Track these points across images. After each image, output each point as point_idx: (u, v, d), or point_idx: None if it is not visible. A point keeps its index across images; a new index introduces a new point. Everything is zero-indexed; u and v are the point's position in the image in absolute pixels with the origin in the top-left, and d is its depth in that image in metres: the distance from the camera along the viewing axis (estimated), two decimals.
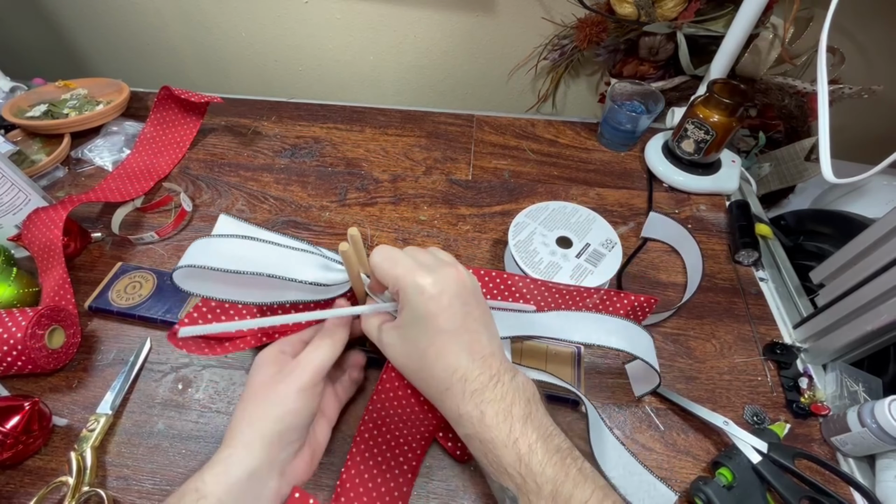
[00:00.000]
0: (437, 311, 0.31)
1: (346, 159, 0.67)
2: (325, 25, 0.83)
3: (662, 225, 0.57)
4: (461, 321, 0.32)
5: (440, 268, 0.33)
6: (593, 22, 0.70)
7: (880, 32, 0.71)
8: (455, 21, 0.80)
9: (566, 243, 0.51)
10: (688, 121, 0.60)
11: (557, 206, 0.54)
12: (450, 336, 0.31)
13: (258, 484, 0.29)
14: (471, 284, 0.34)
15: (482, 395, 0.30)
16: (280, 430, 0.30)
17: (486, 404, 0.30)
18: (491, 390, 0.30)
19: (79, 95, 0.71)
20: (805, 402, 0.43)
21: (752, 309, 0.52)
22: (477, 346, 0.32)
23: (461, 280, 0.33)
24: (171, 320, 0.47)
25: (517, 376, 0.32)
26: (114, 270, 0.51)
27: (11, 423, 0.37)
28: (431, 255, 0.35)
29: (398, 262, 0.33)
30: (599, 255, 0.50)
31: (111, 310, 0.47)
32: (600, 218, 0.53)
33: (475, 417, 0.30)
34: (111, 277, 0.50)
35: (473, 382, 0.31)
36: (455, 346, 0.31)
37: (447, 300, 0.32)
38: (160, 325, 0.48)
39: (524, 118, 0.74)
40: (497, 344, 0.33)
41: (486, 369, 0.31)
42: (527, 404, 0.30)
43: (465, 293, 0.33)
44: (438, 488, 0.39)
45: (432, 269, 0.33)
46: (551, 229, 0.52)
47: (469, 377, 0.31)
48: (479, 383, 0.31)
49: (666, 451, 0.41)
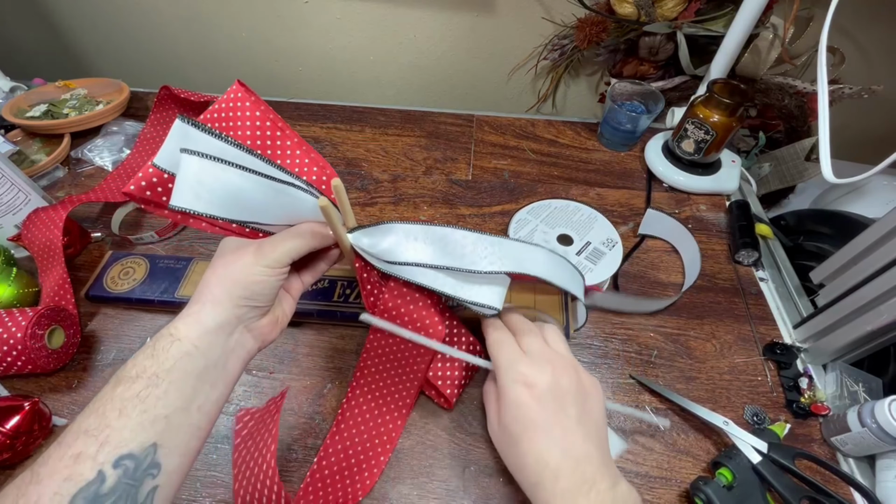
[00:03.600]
0: (528, 401, 0.33)
1: (346, 159, 0.67)
2: (325, 25, 0.83)
3: (660, 221, 0.57)
4: (553, 416, 0.32)
5: (543, 361, 0.34)
6: (593, 22, 0.70)
7: (880, 32, 0.71)
8: (455, 21, 0.79)
9: (567, 241, 0.51)
10: (688, 121, 0.60)
11: (560, 205, 0.54)
12: (541, 430, 0.32)
13: (227, 335, 0.31)
14: (567, 385, 0.34)
15: (574, 498, 0.30)
16: (246, 296, 0.31)
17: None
18: (584, 496, 0.30)
19: (79, 95, 0.71)
20: (805, 402, 0.43)
21: (753, 309, 0.52)
22: (570, 445, 0.32)
23: (560, 378, 0.34)
24: (169, 299, 0.48)
25: (617, 486, 0.31)
26: (105, 259, 0.51)
27: (11, 423, 0.37)
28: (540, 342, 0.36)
29: (503, 347, 0.36)
30: (600, 254, 0.50)
31: (108, 296, 0.48)
32: (602, 217, 0.54)
33: None
34: (103, 266, 0.51)
35: (563, 482, 0.30)
36: (546, 440, 0.32)
37: (539, 393, 0.33)
38: (157, 306, 0.48)
39: (524, 118, 0.74)
40: (597, 450, 0.32)
41: (578, 471, 0.31)
42: None
43: (560, 391, 0.33)
44: (438, 488, 0.39)
45: (535, 360, 0.34)
46: (553, 227, 0.52)
47: (560, 475, 0.31)
48: (569, 483, 0.30)
49: (666, 451, 0.41)
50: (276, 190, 0.31)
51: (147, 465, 0.25)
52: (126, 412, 0.26)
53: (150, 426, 0.26)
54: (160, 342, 0.29)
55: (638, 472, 0.40)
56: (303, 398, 0.44)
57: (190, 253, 0.55)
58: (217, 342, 0.30)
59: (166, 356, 0.28)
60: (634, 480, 0.40)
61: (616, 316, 0.50)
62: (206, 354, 0.29)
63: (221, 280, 0.31)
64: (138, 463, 0.25)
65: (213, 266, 0.33)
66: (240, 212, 0.32)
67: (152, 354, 0.28)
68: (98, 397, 0.27)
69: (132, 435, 0.25)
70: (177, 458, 0.27)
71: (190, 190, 0.30)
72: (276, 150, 0.35)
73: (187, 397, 0.28)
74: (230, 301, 0.31)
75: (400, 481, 0.39)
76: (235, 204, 0.31)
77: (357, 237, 0.36)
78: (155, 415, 0.26)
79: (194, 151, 0.29)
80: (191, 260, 0.51)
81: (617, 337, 0.49)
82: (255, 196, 0.31)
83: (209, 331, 0.30)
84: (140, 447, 0.25)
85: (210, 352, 0.30)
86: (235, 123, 0.33)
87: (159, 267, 0.50)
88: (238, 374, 0.33)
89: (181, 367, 0.28)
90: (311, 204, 0.33)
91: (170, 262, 0.51)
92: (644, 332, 0.49)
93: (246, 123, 0.33)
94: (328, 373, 0.46)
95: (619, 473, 0.32)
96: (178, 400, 0.28)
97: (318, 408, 0.43)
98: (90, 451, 0.24)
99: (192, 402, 0.28)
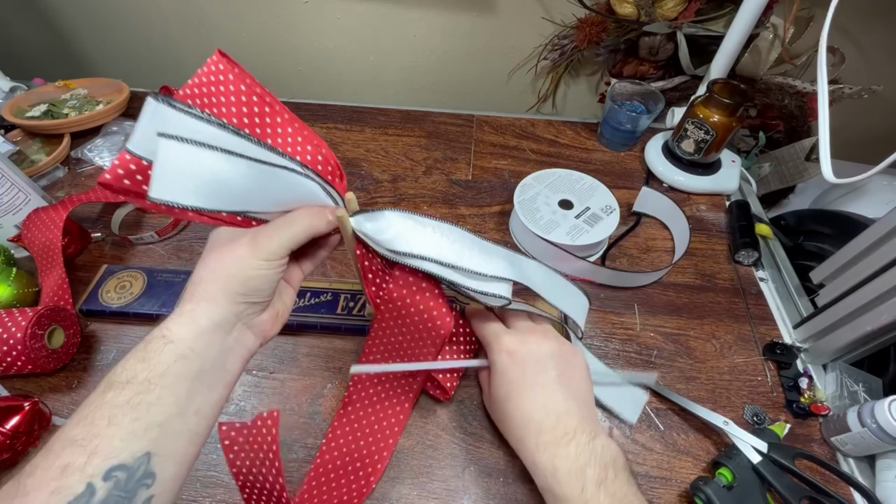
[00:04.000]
0: (510, 366, 0.36)
1: (346, 159, 0.67)
2: (325, 25, 0.83)
3: (654, 200, 0.59)
4: (533, 377, 0.36)
5: (525, 332, 0.38)
6: (593, 22, 0.70)
7: (880, 32, 0.71)
8: (455, 21, 0.79)
9: (567, 205, 0.55)
10: (688, 121, 0.60)
11: (563, 173, 0.59)
12: (524, 389, 0.35)
13: (225, 334, 0.29)
14: (549, 350, 0.37)
15: (555, 450, 0.32)
16: (244, 292, 0.29)
17: (559, 459, 0.32)
18: (564, 447, 0.32)
19: (79, 95, 0.71)
20: (805, 402, 0.43)
21: (753, 309, 0.52)
22: (550, 402, 0.35)
23: (539, 344, 0.37)
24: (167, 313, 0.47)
25: (596, 439, 0.33)
26: (100, 273, 0.50)
27: (11, 423, 0.37)
28: (525, 319, 0.40)
29: (487, 324, 0.39)
30: (597, 218, 0.53)
31: (105, 310, 0.47)
32: (603, 186, 0.57)
33: (548, 470, 0.32)
34: (98, 280, 0.50)
35: (545, 435, 0.33)
36: (529, 399, 0.35)
37: (520, 358, 0.36)
38: (156, 320, 0.47)
39: (524, 118, 0.74)
40: (578, 407, 0.35)
41: (560, 426, 0.33)
42: (603, 468, 0.31)
43: (540, 355, 0.37)
44: (438, 488, 0.39)
45: (517, 332, 0.38)
46: (555, 192, 0.56)
47: (542, 429, 0.34)
48: (551, 437, 0.33)
49: (666, 451, 0.41)
50: (268, 174, 0.28)
51: (140, 476, 0.24)
52: (116, 420, 0.24)
53: (142, 434, 0.25)
54: (152, 345, 0.27)
55: (638, 472, 0.40)
56: (303, 398, 0.44)
57: (190, 253, 0.55)
58: (214, 342, 0.29)
59: (159, 360, 0.26)
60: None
61: (616, 316, 0.51)
62: (203, 356, 0.28)
63: (216, 276, 0.29)
64: (130, 474, 0.24)
65: (204, 260, 0.31)
66: (228, 201, 0.28)
67: (144, 358, 0.27)
68: (86, 402, 0.25)
69: (123, 444, 0.24)
70: (173, 465, 0.26)
71: (170, 179, 0.26)
72: (266, 128, 0.31)
73: (183, 402, 0.27)
74: (227, 298, 0.29)
75: (400, 481, 0.39)
76: (222, 193, 0.28)
77: (359, 221, 0.33)
78: (148, 422, 0.25)
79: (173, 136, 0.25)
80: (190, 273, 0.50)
81: (617, 337, 0.49)
82: (244, 182, 0.28)
83: (205, 331, 0.28)
84: (132, 457, 0.24)
85: (207, 353, 0.28)
86: (218, 99, 0.29)
87: (157, 280, 0.49)
88: (238, 373, 0.31)
89: (175, 371, 0.27)
90: (308, 188, 0.30)
91: (168, 275, 0.50)
92: (644, 332, 0.49)
93: (230, 99, 0.29)
94: (328, 373, 0.46)
95: (601, 429, 0.34)
96: (173, 406, 0.26)
97: (318, 408, 0.43)
98: (78, 462, 0.23)
99: (189, 406, 0.27)
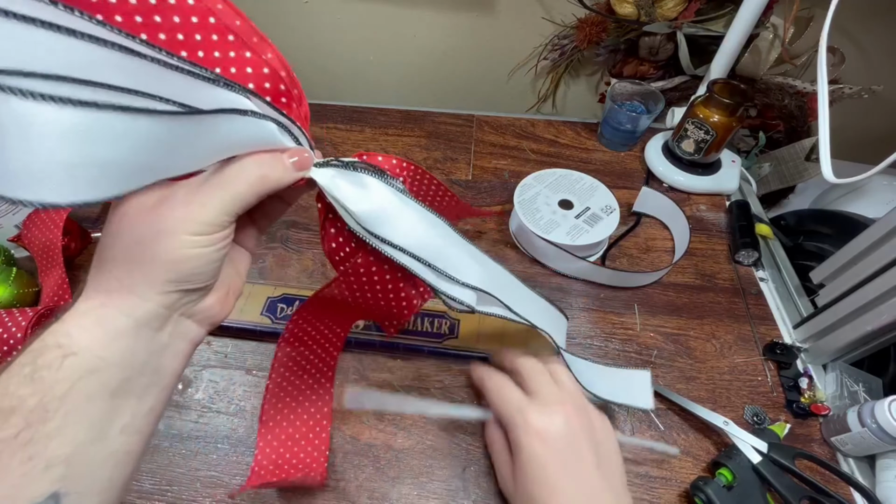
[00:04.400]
0: (543, 453, 0.31)
1: None
2: (325, 25, 0.83)
3: (654, 200, 0.59)
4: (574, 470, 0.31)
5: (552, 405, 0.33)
6: (593, 22, 0.70)
7: (880, 32, 0.71)
8: (455, 21, 0.79)
9: (567, 205, 0.55)
10: (688, 121, 0.60)
11: (563, 173, 0.59)
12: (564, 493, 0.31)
13: (154, 331, 0.22)
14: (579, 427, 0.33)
15: None
16: (175, 279, 0.22)
17: None
18: None
19: None
20: (805, 402, 0.43)
21: (753, 309, 0.52)
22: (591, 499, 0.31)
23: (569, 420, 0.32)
24: None
25: None
26: None
27: None
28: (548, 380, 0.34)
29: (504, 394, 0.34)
30: (597, 218, 0.53)
31: None
32: (603, 186, 0.57)
33: None
34: None
35: None
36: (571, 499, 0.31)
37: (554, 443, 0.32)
38: None
39: (524, 118, 0.74)
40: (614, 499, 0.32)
41: None
42: None
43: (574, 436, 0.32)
44: (438, 488, 0.39)
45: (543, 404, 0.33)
46: (555, 192, 0.56)
47: None
48: None
49: (666, 451, 0.41)
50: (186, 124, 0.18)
51: None
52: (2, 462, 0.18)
53: (41, 475, 0.19)
54: (44, 358, 0.20)
55: (638, 472, 0.40)
56: None
57: None
58: (139, 346, 0.22)
59: (56, 378, 0.19)
60: (635, 480, 0.40)
61: (616, 316, 0.50)
62: (123, 365, 0.21)
63: (132, 258, 0.21)
64: None
65: (113, 230, 0.22)
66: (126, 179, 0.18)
67: (31, 378, 0.19)
68: None
69: (15, 491, 0.18)
70: (94, 498, 0.20)
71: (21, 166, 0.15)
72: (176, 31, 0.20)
73: (99, 425, 0.20)
74: (151, 289, 0.21)
75: (400, 481, 0.39)
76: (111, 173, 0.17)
77: (330, 178, 0.25)
78: (48, 459, 0.19)
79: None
80: None
81: (617, 337, 0.49)
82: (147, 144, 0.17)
83: (123, 333, 0.21)
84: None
85: (129, 360, 0.22)
86: None
87: None
88: (180, 370, 0.25)
89: (83, 390, 0.20)
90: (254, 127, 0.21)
91: None
92: (644, 332, 0.49)
93: None
94: None
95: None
96: (83, 432, 0.20)
97: None
98: None
99: (110, 427, 0.21)
